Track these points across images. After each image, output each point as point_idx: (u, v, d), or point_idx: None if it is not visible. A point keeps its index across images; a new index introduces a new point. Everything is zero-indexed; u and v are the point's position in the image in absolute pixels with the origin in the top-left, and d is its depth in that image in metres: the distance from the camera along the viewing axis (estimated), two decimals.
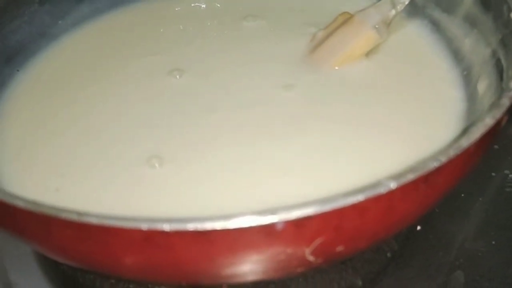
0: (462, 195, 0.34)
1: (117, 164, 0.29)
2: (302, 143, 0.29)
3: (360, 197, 0.18)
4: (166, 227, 0.17)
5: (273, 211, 0.17)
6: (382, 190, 0.18)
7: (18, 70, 0.36)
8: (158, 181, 0.28)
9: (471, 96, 0.31)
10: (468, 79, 0.32)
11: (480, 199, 0.35)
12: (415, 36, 0.37)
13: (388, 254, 0.30)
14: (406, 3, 0.34)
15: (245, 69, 0.35)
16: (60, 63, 0.37)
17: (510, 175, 0.36)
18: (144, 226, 0.17)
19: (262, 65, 0.35)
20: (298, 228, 0.18)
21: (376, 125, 0.30)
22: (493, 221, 0.33)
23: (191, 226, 0.17)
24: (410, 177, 0.18)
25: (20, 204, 0.18)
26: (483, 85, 0.30)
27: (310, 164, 0.27)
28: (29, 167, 0.29)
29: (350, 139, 0.29)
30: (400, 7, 0.34)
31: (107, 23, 0.41)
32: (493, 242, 0.32)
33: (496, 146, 0.35)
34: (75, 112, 0.32)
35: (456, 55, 0.34)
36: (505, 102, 0.22)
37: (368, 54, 0.35)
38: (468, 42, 0.33)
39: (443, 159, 0.19)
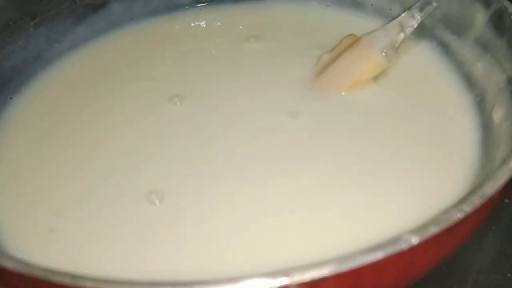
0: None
1: (114, 202, 0.27)
2: (307, 180, 0.27)
3: (379, 255, 0.16)
4: None
5: (285, 273, 0.16)
6: (403, 246, 0.17)
7: (11, 98, 0.34)
8: (158, 220, 0.26)
9: (485, 125, 0.30)
10: (482, 107, 0.31)
11: (494, 227, 0.33)
12: (424, 59, 0.35)
13: None
14: (415, 26, 0.33)
15: (248, 95, 0.33)
16: (55, 89, 0.35)
17: None
18: None
19: (265, 91, 0.34)
20: None
21: (384, 159, 0.28)
22: (508, 252, 0.32)
23: None
24: (434, 230, 0.17)
25: (9, 265, 0.17)
26: (499, 114, 0.28)
27: (316, 203, 0.26)
28: (23, 205, 0.28)
29: (356, 176, 0.27)
30: (408, 30, 0.33)
31: (104, 45, 0.39)
32: (509, 275, 0.30)
33: None
34: (70, 145, 0.31)
35: (468, 80, 0.33)
36: None
37: (375, 78, 0.33)
38: (481, 67, 0.32)
39: (468, 209, 0.18)
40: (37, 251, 0.25)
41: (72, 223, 0.27)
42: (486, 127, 0.29)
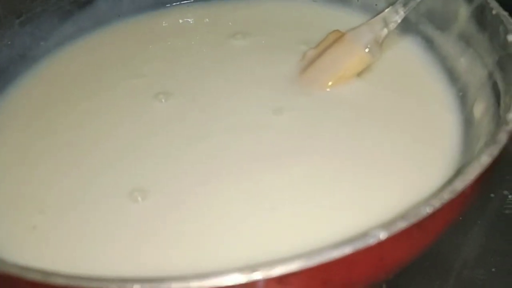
0: (460, 218, 0.33)
1: (98, 199, 0.27)
2: (291, 176, 0.27)
3: (347, 250, 0.16)
4: None
5: (254, 268, 0.16)
6: (371, 241, 0.17)
7: None
8: (140, 217, 0.26)
9: (467, 119, 0.30)
10: (464, 101, 0.31)
11: (479, 222, 0.33)
12: (408, 53, 0.35)
13: (384, 286, 0.29)
14: (399, 21, 0.33)
15: (233, 91, 0.34)
16: (42, 88, 0.35)
17: (510, 196, 0.34)
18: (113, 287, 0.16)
19: (251, 87, 0.34)
20: (282, 285, 0.16)
21: (369, 153, 0.29)
22: (493, 247, 0.32)
23: (164, 287, 0.16)
24: (401, 225, 0.17)
25: None
26: (480, 109, 0.28)
27: (299, 199, 0.26)
28: (6, 202, 0.28)
29: (341, 170, 0.27)
30: (392, 26, 0.33)
31: (91, 43, 0.39)
32: (493, 269, 0.31)
33: None
34: (55, 143, 0.31)
35: (451, 74, 0.33)
36: (502, 138, 0.20)
37: (360, 73, 0.34)
38: (464, 62, 0.32)
39: (437, 204, 0.18)
40: (19, 248, 0.25)
41: (56, 220, 0.27)
42: (468, 122, 0.30)
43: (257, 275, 0.16)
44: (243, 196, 0.26)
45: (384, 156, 0.29)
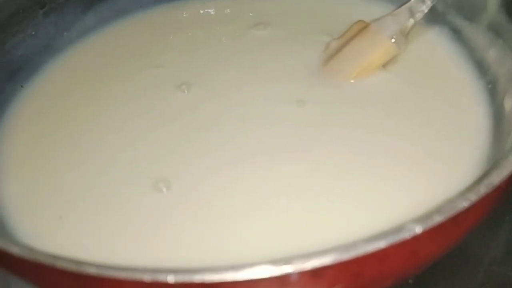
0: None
1: (122, 189, 0.27)
2: (316, 167, 0.27)
3: (382, 244, 0.16)
4: (171, 279, 0.16)
5: (287, 261, 0.16)
6: (407, 235, 0.16)
7: (22, 86, 0.35)
8: (165, 207, 0.26)
9: (497, 112, 0.29)
10: (493, 94, 0.30)
11: (507, 217, 0.33)
12: (435, 45, 0.35)
13: (410, 281, 0.28)
14: (426, 11, 0.32)
15: (255, 82, 0.33)
16: (65, 77, 0.36)
17: None
18: (147, 278, 0.16)
19: (273, 78, 0.33)
20: (315, 278, 0.16)
21: (394, 146, 0.28)
22: None
23: (197, 278, 0.16)
24: (438, 219, 0.17)
25: (15, 251, 0.17)
26: (511, 101, 0.28)
27: (321, 191, 0.26)
28: (33, 192, 0.28)
29: (365, 163, 0.27)
30: (419, 16, 0.33)
31: (113, 33, 0.39)
32: None
33: None
34: (80, 132, 0.31)
35: (480, 66, 0.32)
36: None
37: (385, 65, 0.33)
38: (493, 53, 0.31)
39: (473, 198, 0.17)
40: (46, 238, 0.26)
41: (81, 210, 0.27)
42: (498, 115, 0.29)
43: (290, 268, 0.16)
44: (266, 187, 0.26)
45: (410, 150, 0.28)
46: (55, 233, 0.26)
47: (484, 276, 0.29)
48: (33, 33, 0.36)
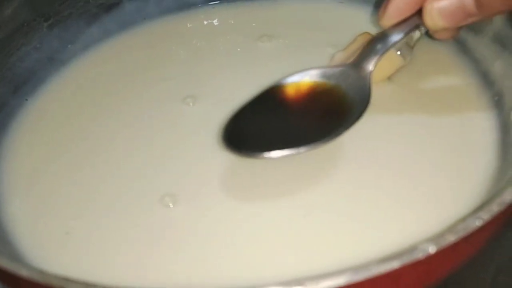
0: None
1: (128, 204, 0.27)
2: (321, 184, 0.27)
3: (395, 264, 0.16)
4: None
5: (300, 282, 0.16)
6: (420, 255, 0.16)
7: (26, 99, 0.35)
8: (172, 223, 0.26)
9: (504, 125, 0.29)
10: (500, 106, 0.30)
11: None
12: (441, 56, 0.35)
13: None
14: None
15: None
16: (70, 90, 0.35)
17: None
18: None
19: None
20: None
21: (401, 160, 0.28)
22: None
23: None
24: (451, 239, 0.17)
25: (24, 273, 0.17)
26: None
27: (329, 208, 0.26)
28: (39, 207, 0.28)
29: (371, 178, 0.27)
30: (424, 28, 0.32)
31: (117, 45, 0.39)
32: None
33: None
34: (86, 147, 0.31)
35: (486, 78, 0.32)
36: None
37: (390, 76, 0.33)
38: (499, 65, 0.31)
39: (486, 217, 0.17)
40: (53, 254, 0.26)
41: (88, 226, 0.27)
42: (504, 128, 0.29)
43: None
44: (275, 203, 0.26)
45: (415, 164, 0.28)
46: (62, 249, 0.26)
47: (490, 286, 0.29)
48: (37, 46, 0.36)
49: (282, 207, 0.26)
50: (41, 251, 0.26)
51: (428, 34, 0.32)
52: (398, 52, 0.32)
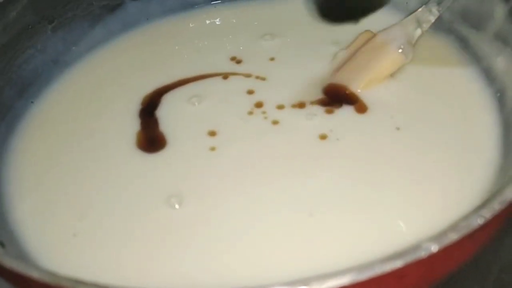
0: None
1: (134, 205, 0.28)
2: (325, 182, 0.27)
3: (399, 263, 0.16)
4: None
5: (305, 282, 0.16)
6: (423, 254, 0.17)
7: (32, 102, 0.35)
8: (178, 223, 0.26)
9: (506, 121, 0.29)
10: (502, 102, 0.30)
11: None
12: (442, 53, 0.35)
13: None
14: (433, 21, 0.33)
15: (264, 91, 0.33)
16: (74, 91, 0.36)
17: None
18: None
19: (282, 90, 0.34)
20: None
21: (404, 158, 0.28)
22: None
23: None
24: (453, 237, 0.17)
25: (35, 275, 0.17)
26: None
27: (333, 206, 0.26)
28: (46, 209, 0.28)
29: (373, 176, 0.27)
30: (426, 26, 0.33)
31: (121, 45, 0.39)
32: None
33: None
34: (91, 148, 0.31)
35: (488, 74, 0.32)
36: None
37: (393, 74, 0.33)
38: (501, 61, 0.31)
39: (488, 215, 0.17)
40: (61, 256, 0.26)
41: (95, 227, 0.27)
42: (507, 124, 0.29)
43: None
44: (279, 202, 0.26)
45: (419, 161, 0.28)
46: (70, 251, 0.26)
47: (494, 285, 0.29)
48: (42, 48, 0.36)
49: (287, 206, 0.26)
50: (50, 254, 0.26)
51: None
52: (400, 50, 0.32)
